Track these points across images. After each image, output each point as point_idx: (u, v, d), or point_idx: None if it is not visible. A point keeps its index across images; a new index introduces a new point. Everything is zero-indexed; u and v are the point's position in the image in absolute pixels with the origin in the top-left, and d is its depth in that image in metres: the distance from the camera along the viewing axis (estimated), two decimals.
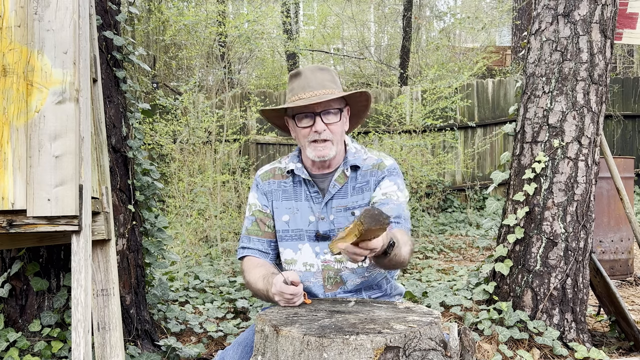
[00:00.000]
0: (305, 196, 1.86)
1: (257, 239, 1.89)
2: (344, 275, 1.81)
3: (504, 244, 3.20)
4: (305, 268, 1.83)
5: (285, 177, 1.90)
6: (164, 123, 6.81)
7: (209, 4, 8.76)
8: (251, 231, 1.90)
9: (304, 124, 1.79)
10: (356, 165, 1.85)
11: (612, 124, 9.18)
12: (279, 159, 2.00)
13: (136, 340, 2.73)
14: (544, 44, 3.13)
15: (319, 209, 1.83)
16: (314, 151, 1.79)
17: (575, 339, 2.99)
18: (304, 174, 1.85)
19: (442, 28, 14.87)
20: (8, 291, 2.48)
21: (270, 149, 8.71)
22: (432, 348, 1.32)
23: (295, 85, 1.81)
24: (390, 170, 1.86)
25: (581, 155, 3.04)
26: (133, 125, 2.94)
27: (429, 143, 7.71)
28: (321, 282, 1.82)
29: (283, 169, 1.92)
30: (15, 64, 1.82)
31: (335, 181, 1.84)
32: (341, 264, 1.81)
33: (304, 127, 1.79)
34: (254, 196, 1.93)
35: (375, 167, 1.86)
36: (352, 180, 1.85)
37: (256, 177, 1.96)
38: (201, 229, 5.96)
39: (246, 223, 1.93)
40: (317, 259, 1.83)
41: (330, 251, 1.59)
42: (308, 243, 1.84)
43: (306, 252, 1.84)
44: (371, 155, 1.91)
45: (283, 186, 1.90)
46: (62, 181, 1.78)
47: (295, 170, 1.86)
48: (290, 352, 1.29)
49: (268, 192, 1.91)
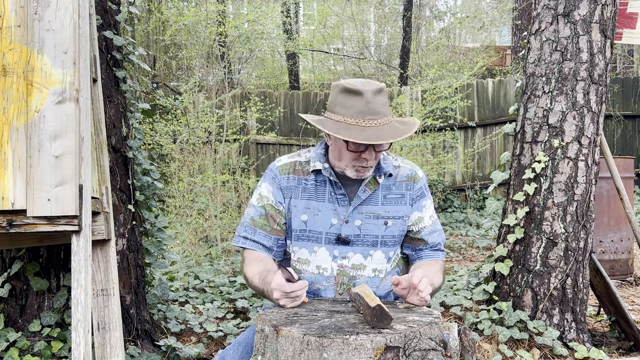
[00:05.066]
0: (329, 197, 1.79)
1: (263, 234, 1.82)
2: (357, 283, 1.79)
3: (504, 243, 3.20)
4: (318, 271, 1.79)
5: (307, 174, 1.82)
6: (164, 123, 6.81)
7: (209, 4, 8.76)
8: (258, 224, 1.82)
9: (353, 149, 1.69)
10: (388, 172, 1.82)
11: (612, 124, 9.18)
12: (297, 152, 1.91)
13: (136, 340, 2.73)
14: (544, 44, 3.13)
15: (344, 211, 1.78)
16: (355, 172, 1.74)
17: (575, 339, 3.00)
18: (332, 176, 1.78)
19: (442, 28, 14.87)
20: (8, 291, 2.48)
21: (270, 149, 8.71)
22: (432, 348, 1.32)
23: (353, 105, 1.66)
24: (425, 184, 1.89)
25: (581, 155, 3.04)
26: (133, 125, 2.94)
27: (429, 143, 7.72)
28: (333, 286, 1.79)
29: (304, 164, 1.84)
30: (15, 64, 1.82)
31: (365, 186, 1.79)
32: (357, 271, 1.79)
33: (353, 151, 1.70)
34: (268, 189, 1.83)
35: (411, 180, 1.85)
36: (384, 188, 1.82)
37: (273, 167, 1.86)
38: (201, 229, 5.96)
39: (252, 212, 1.84)
40: (334, 262, 1.79)
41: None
42: (325, 246, 1.79)
43: (321, 255, 1.79)
44: (402, 163, 1.88)
45: (304, 183, 1.82)
46: (62, 181, 1.78)
47: (323, 171, 1.79)
48: (290, 352, 1.29)
49: (286, 188, 1.82)
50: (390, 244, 1.83)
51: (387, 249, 1.83)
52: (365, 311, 1.40)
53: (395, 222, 1.82)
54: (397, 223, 1.82)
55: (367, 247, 1.80)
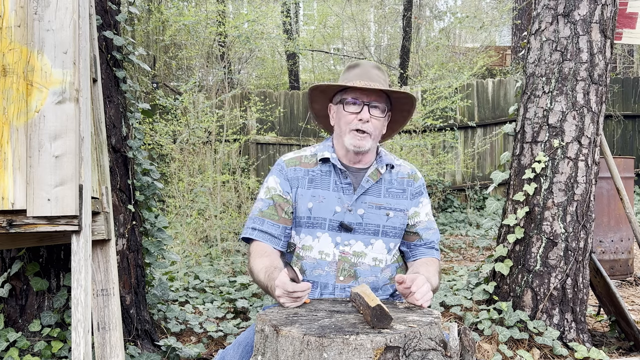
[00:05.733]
0: (334, 186, 1.88)
1: (271, 223, 1.87)
2: (358, 270, 1.84)
3: (504, 243, 3.20)
4: (321, 256, 1.84)
5: (313, 165, 1.92)
6: (164, 123, 6.81)
7: (209, 4, 8.76)
8: (266, 214, 1.88)
9: (350, 110, 1.84)
10: (390, 164, 1.93)
11: (612, 124, 9.18)
12: (302, 148, 2.01)
13: (136, 340, 2.73)
14: (544, 44, 3.13)
15: (348, 200, 1.86)
16: (353, 139, 1.84)
17: (575, 339, 2.99)
18: (339, 164, 1.88)
19: (442, 28, 14.86)
20: (8, 291, 2.48)
21: (270, 149, 8.71)
22: (432, 348, 1.32)
23: (352, 74, 1.88)
24: (424, 184, 2.01)
25: (581, 155, 3.04)
26: (133, 125, 2.94)
27: (429, 143, 7.72)
28: (334, 272, 1.83)
29: (310, 157, 1.94)
30: (15, 64, 1.82)
31: (369, 177, 1.89)
32: (358, 258, 1.85)
33: (350, 112, 1.84)
34: (276, 180, 1.91)
35: (411, 178, 1.97)
36: (386, 182, 1.92)
37: (280, 162, 1.95)
38: (201, 229, 5.96)
39: (260, 205, 1.90)
40: (336, 249, 1.85)
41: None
42: (328, 232, 1.85)
43: (324, 241, 1.85)
44: (403, 163, 2.00)
45: (311, 174, 1.91)
46: (62, 181, 1.78)
47: (331, 159, 1.89)
48: (290, 352, 1.29)
49: (293, 178, 1.90)
50: (391, 234, 1.89)
51: (388, 240, 1.89)
52: (365, 311, 1.40)
53: (397, 214, 1.90)
54: (398, 215, 1.90)
55: (368, 236, 1.86)
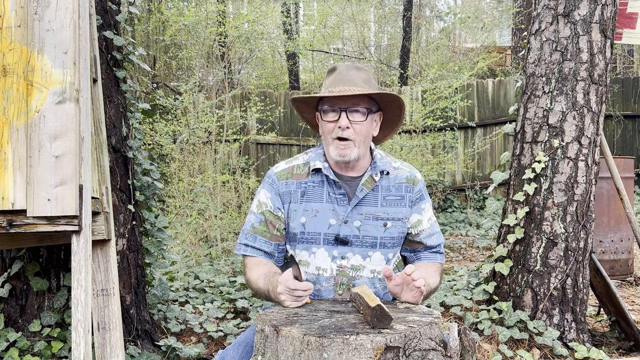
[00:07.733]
0: (328, 198, 1.79)
1: (263, 241, 1.82)
2: (357, 284, 1.79)
3: (504, 244, 3.19)
4: (318, 272, 1.79)
5: (305, 177, 1.82)
6: (164, 123, 6.81)
7: (209, 4, 8.76)
8: (258, 231, 1.83)
9: (329, 118, 1.75)
10: (385, 170, 1.82)
11: (612, 124, 9.18)
12: (295, 156, 1.91)
13: (136, 340, 2.73)
14: (544, 44, 3.13)
15: (343, 211, 1.78)
16: (336, 149, 1.74)
17: (575, 339, 2.99)
18: (331, 174, 1.79)
19: (442, 28, 14.86)
20: (8, 291, 2.48)
21: (270, 149, 8.71)
22: (432, 348, 1.32)
23: (329, 80, 1.79)
24: (424, 186, 1.90)
25: (581, 155, 3.04)
26: (133, 125, 2.94)
27: (429, 143, 7.72)
28: (333, 286, 1.79)
29: (302, 166, 1.85)
30: (15, 64, 1.82)
31: (362, 185, 1.79)
32: (357, 272, 1.79)
33: (328, 121, 1.75)
34: (267, 195, 1.84)
35: (410, 182, 1.85)
36: (383, 189, 1.82)
37: (271, 174, 1.86)
38: (201, 229, 5.96)
39: (252, 219, 1.85)
40: (333, 263, 1.78)
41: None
42: (324, 247, 1.79)
43: (320, 256, 1.79)
44: (401, 165, 1.88)
45: (303, 187, 1.82)
46: (62, 181, 1.78)
47: (323, 169, 1.79)
48: (290, 352, 1.29)
49: (285, 193, 1.82)
50: (389, 245, 1.83)
51: (386, 251, 1.83)
52: (365, 311, 1.40)
53: (395, 224, 1.82)
54: (396, 225, 1.82)
55: (366, 248, 1.80)
